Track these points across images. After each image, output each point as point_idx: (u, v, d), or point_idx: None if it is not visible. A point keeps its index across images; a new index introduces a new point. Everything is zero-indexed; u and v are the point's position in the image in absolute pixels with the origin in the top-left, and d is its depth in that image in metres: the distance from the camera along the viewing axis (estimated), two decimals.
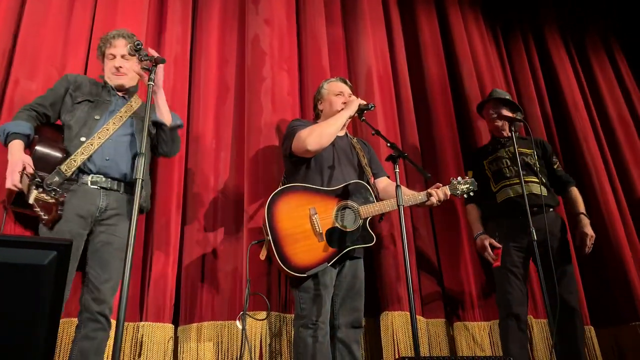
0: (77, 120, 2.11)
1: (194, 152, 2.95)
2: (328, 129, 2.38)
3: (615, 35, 5.11)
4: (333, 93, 2.62)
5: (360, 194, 2.38)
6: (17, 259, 1.01)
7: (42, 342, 1.00)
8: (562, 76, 4.46)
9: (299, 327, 2.18)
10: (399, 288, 2.90)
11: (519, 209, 2.66)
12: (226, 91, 3.19)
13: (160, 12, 3.22)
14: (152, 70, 1.89)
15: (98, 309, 1.94)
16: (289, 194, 2.30)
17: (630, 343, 3.40)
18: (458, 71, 3.98)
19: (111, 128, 2.13)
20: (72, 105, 2.16)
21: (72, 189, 2.02)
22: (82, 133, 2.08)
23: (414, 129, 3.58)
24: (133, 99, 2.30)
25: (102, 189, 2.06)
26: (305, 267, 2.17)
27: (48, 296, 1.02)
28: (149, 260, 2.60)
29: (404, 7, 4.15)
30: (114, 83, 2.28)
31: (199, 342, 2.54)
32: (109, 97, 2.25)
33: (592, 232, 2.86)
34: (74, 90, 2.19)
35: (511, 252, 2.75)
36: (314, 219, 2.24)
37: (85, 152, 2.03)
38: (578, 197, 2.97)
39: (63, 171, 1.98)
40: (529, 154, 2.91)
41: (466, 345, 3.05)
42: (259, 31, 3.29)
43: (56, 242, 1.07)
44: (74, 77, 2.26)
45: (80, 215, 1.99)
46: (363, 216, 2.32)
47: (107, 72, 2.30)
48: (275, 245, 2.17)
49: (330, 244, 2.24)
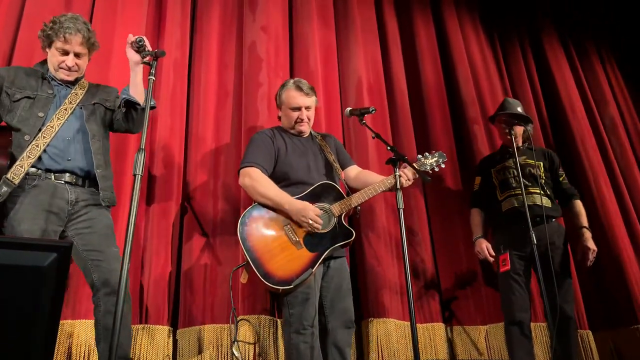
0: (19, 120, 1.95)
1: (194, 155, 2.96)
2: (259, 197, 2.28)
3: (612, 40, 5.15)
4: (289, 106, 2.49)
5: (329, 194, 2.37)
6: (18, 261, 1.02)
7: (42, 343, 1.00)
8: (559, 81, 4.48)
9: (290, 333, 2.17)
10: (384, 294, 2.92)
11: (522, 218, 2.70)
12: (225, 96, 3.20)
13: (159, 17, 3.24)
14: (153, 65, 1.85)
15: (115, 279, 1.85)
16: (258, 212, 2.27)
17: (629, 346, 3.41)
18: (454, 76, 4.01)
19: (56, 124, 1.97)
20: (11, 103, 1.98)
21: (35, 184, 1.91)
22: (26, 132, 1.93)
23: (410, 134, 3.60)
24: (78, 85, 2.13)
25: (67, 183, 1.97)
26: (289, 278, 2.15)
27: (48, 297, 1.03)
28: (147, 262, 2.61)
29: (400, 12, 4.18)
30: (60, 78, 2.09)
31: (199, 345, 2.54)
32: (51, 88, 2.07)
33: (594, 246, 2.90)
34: (10, 87, 2.00)
35: (514, 260, 2.80)
36: (287, 229, 2.24)
37: (31, 155, 1.89)
38: (581, 211, 3.00)
39: (10, 180, 1.83)
40: (536, 165, 2.95)
41: (463, 349, 3.05)
42: (256, 38, 3.31)
43: (56, 244, 1.08)
44: (6, 71, 2.06)
45: (50, 211, 1.90)
46: (336, 214, 2.32)
47: (53, 64, 2.08)
48: (254, 264, 2.14)
49: (310, 249, 2.23)
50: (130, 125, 2.15)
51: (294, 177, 2.38)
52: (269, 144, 2.42)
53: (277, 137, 2.47)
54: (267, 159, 2.37)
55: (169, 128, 2.92)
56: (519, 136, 3.00)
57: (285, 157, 2.42)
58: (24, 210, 1.86)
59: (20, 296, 1.01)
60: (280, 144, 2.45)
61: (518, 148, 2.97)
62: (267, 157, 2.37)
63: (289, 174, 2.38)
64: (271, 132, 2.50)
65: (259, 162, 2.34)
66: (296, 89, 2.47)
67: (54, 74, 2.10)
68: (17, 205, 1.87)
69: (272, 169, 2.40)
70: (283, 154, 2.43)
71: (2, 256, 0.99)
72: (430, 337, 3.00)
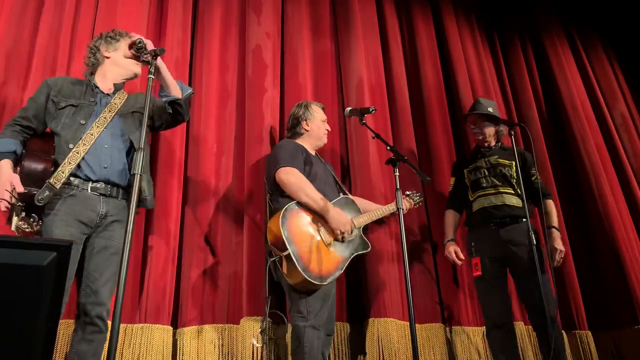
0: (63, 127, 2.04)
1: (195, 156, 2.96)
2: (304, 197, 2.42)
3: (613, 38, 5.14)
4: (320, 119, 2.79)
5: (350, 207, 2.61)
6: (17, 260, 1.02)
7: (41, 343, 1.00)
8: (559, 79, 4.48)
9: (305, 326, 2.25)
10: (384, 294, 2.93)
11: (491, 219, 2.79)
12: (227, 96, 3.20)
13: (160, 16, 3.24)
14: (152, 63, 1.87)
15: (96, 312, 1.94)
16: (297, 210, 2.42)
17: (630, 347, 3.40)
18: (454, 76, 4.01)
19: (95, 132, 2.06)
20: (56, 111, 2.08)
21: (72, 193, 1.99)
22: (70, 140, 2.02)
23: (411, 134, 3.61)
24: (117, 94, 2.23)
25: (101, 195, 2.04)
26: (323, 275, 2.32)
27: (47, 297, 1.03)
28: (148, 262, 2.61)
29: (401, 14, 4.18)
30: (136, 70, 2.26)
31: (199, 344, 2.55)
32: (93, 96, 2.17)
33: (562, 247, 2.82)
34: (56, 95, 2.10)
35: (486, 263, 2.78)
36: (322, 231, 2.42)
37: (72, 161, 1.97)
38: (552, 210, 2.92)
39: (52, 184, 1.91)
40: (508, 165, 2.91)
41: (461, 350, 3.05)
42: (261, 42, 3.32)
43: (56, 243, 1.08)
44: (53, 81, 2.17)
45: (80, 221, 1.98)
46: (357, 226, 2.54)
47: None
48: (295, 257, 2.27)
49: (338, 253, 2.44)
50: (180, 118, 2.27)
51: (318, 188, 2.49)
52: (299, 152, 2.58)
53: (301, 149, 2.63)
54: (301, 166, 2.52)
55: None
56: (490, 136, 2.98)
57: (311, 169, 2.57)
58: (59, 218, 1.94)
59: (19, 295, 1.01)
60: (305, 155, 2.61)
61: (490, 148, 2.98)
62: (301, 164, 2.53)
63: (314, 184, 2.49)
64: (296, 144, 2.67)
65: (296, 166, 2.49)
66: (319, 106, 2.86)
67: (132, 71, 2.24)
68: (54, 212, 1.94)
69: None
70: (309, 165, 2.58)
71: (1, 255, 0.99)
72: (430, 338, 3.00)
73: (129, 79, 2.29)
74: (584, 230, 3.89)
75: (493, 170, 2.89)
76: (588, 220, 3.90)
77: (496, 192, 2.84)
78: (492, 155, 2.95)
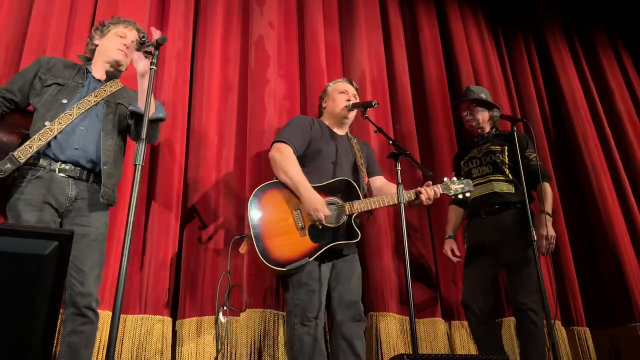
0: (44, 104, 1.99)
1: (196, 149, 2.95)
2: (282, 175, 2.31)
3: (618, 34, 5.11)
4: (337, 91, 2.66)
5: (347, 191, 2.38)
6: (18, 249, 1.02)
7: (42, 331, 1.00)
8: (561, 75, 4.47)
9: (294, 323, 2.17)
10: (384, 289, 2.93)
11: (481, 208, 2.81)
12: (229, 89, 3.19)
13: (162, 8, 3.22)
14: (155, 54, 1.83)
15: (84, 303, 1.89)
16: (274, 189, 2.31)
17: (627, 344, 3.41)
18: (457, 70, 3.99)
19: (75, 112, 1.99)
20: (42, 88, 2.03)
21: (39, 175, 1.91)
22: (47, 117, 1.96)
23: (413, 128, 3.60)
24: (110, 82, 2.18)
25: (70, 177, 1.97)
26: (285, 261, 2.17)
27: (48, 286, 1.03)
28: (148, 253, 2.61)
29: (404, 7, 4.16)
30: (115, 57, 2.19)
31: (199, 336, 2.55)
32: (82, 79, 2.12)
33: (550, 232, 2.67)
34: (45, 73, 2.06)
35: (473, 250, 2.83)
36: (296, 214, 2.26)
37: (42, 137, 1.89)
38: (546, 194, 2.75)
39: (16, 157, 1.84)
40: (499, 151, 2.88)
41: (460, 345, 3.06)
42: (264, 33, 3.30)
43: (57, 232, 1.08)
44: (46, 59, 2.13)
45: (49, 204, 1.90)
46: (348, 213, 2.32)
47: (115, 45, 2.18)
48: (255, 238, 2.17)
49: (313, 239, 2.24)
50: (132, 136, 2.14)
51: (319, 165, 2.41)
52: (306, 127, 2.49)
53: (315, 125, 2.55)
54: (300, 140, 2.42)
55: (171, 120, 2.90)
56: (485, 122, 2.97)
57: (316, 144, 2.46)
58: (26, 202, 1.87)
59: (20, 284, 1.01)
60: (316, 131, 2.51)
61: (484, 135, 2.98)
62: (300, 138, 2.42)
63: (315, 160, 2.42)
64: (312, 119, 2.58)
65: (291, 140, 2.39)
66: (345, 81, 2.74)
67: (113, 55, 2.18)
68: (18, 195, 1.88)
69: (303, 152, 2.44)
70: (317, 141, 2.47)
71: (2, 243, 0.99)
72: (429, 332, 3.00)
73: (112, 66, 2.22)
74: (584, 228, 3.89)
75: (484, 158, 2.87)
76: (588, 218, 3.90)
77: (485, 180, 2.84)
78: (485, 144, 2.93)
